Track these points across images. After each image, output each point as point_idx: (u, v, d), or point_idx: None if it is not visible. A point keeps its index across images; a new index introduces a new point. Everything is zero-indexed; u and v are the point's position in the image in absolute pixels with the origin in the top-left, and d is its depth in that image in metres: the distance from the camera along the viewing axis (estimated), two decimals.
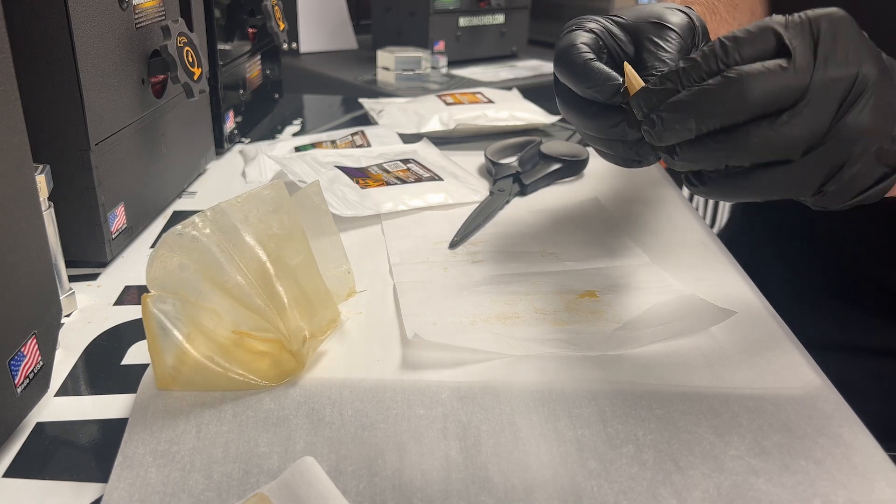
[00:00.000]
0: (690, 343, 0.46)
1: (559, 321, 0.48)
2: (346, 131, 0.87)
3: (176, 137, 0.68)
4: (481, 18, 1.51)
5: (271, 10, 0.89)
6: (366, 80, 1.39)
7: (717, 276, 0.54)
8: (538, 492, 0.34)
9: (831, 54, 0.34)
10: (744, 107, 0.34)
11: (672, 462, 0.36)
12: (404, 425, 0.38)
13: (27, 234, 0.39)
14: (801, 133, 0.34)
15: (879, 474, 0.35)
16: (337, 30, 1.63)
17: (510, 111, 0.91)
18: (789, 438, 0.38)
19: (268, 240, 0.41)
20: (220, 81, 0.79)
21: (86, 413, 0.41)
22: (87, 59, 0.51)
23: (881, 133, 0.35)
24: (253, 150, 0.81)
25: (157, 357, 0.40)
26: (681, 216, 0.65)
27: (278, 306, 0.40)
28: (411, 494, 0.34)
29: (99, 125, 0.53)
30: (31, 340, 0.39)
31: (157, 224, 0.65)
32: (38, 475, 0.36)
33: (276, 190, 0.43)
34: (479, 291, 0.52)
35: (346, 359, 0.44)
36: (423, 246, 0.59)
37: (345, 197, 0.64)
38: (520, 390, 0.41)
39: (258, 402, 0.40)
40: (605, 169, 0.76)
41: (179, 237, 0.39)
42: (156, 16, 0.62)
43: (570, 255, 0.57)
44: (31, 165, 0.39)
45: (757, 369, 0.43)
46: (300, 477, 0.32)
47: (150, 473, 0.35)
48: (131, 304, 0.52)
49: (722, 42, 0.35)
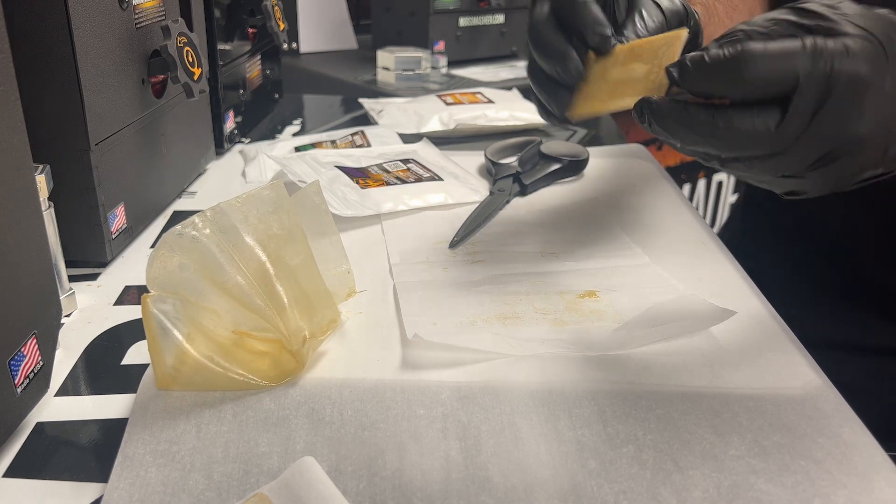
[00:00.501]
0: (690, 343, 0.45)
1: (559, 321, 0.48)
2: (346, 131, 0.87)
3: (176, 137, 0.68)
4: (481, 18, 1.51)
5: (271, 10, 0.89)
6: (366, 80, 1.39)
7: (717, 276, 0.54)
8: (538, 492, 0.34)
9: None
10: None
11: (672, 462, 0.36)
12: (404, 425, 0.38)
13: (27, 234, 0.39)
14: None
15: (879, 474, 0.35)
16: (337, 30, 1.63)
17: (510, 111, 0.91)
18: (789, 438, 0.38)
19: (268, 240, 0.41)
20: (220, 81, 0.79)
21: (86, 413, 0.41)
22: (87, 59, 0.51)
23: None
24: (253, 150, 0.81)
25: (157, 357, 0.40)
26: (681, 216, 0.65)
27: (278, 306, 0.40)
28: (411, 494, 0.34)
29: (99, 125, 0.53)
30: (31, 340, 0.39)
31: (157, 224, 0.65)
32: (38, 475, 0.36)
33: (276, 190, 0.43)
34: (479, 291, 0.52)
35: (346, 359, 0.44)
36: (423, 246, 0.59)
37: (345, 197, 0.64)
38: (520, 390, 0.41)
39: (258, 402, 0.40)
40: (605, 169, 0.76)
41: (179, 237, 0.39)
42: (156, 16, 0.62)
43: (570, 255, 0.57)
44: (31, 165, 0.39)
45: (757, 369, 0.43)
46: (300, 477, 0.32)
47: (150, 473, 0.35)
48: (131, 304, 0.52)
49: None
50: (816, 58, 0.35)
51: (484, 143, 0.79)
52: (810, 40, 0.35)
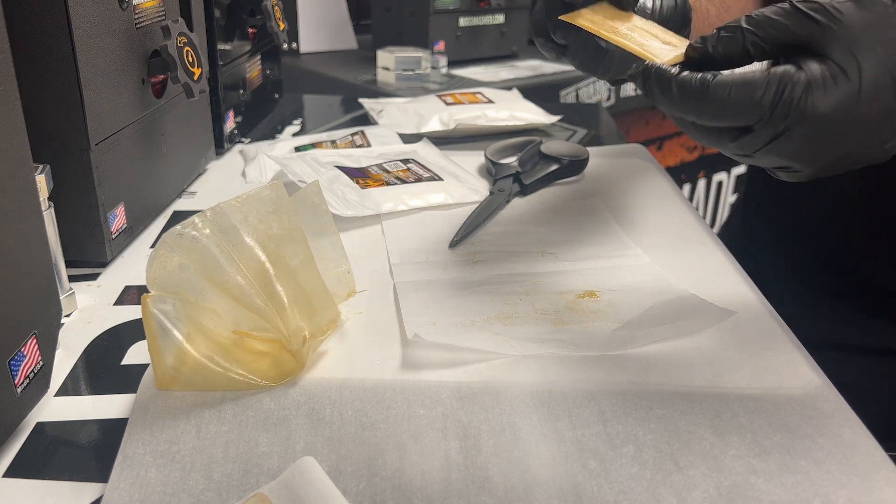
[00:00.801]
0: (690, 343, 0.45)
1: (559, 321, 0.48)
2: (346, 131, 0.87)
3: (176, 137, 0.68)
4: (481, 18, 1.51)
5: (271, 10, 0.89)
6: (366, 80, 1.39)
7: (717, 276, 0.54)
8: (538, 492, 0.34)
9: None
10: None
11: (672, 462, 0.36)
12: (404, 425, 0.38)
13: (27, 234, 0.39)
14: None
15: (879, 474, 0.35)
16: (337, 30, 1.63)
17: (510, 111, 0.91)
18: (789, 438, 0.38)
19: (267, 240, 0.41)
20: (220, 81, 0.79)
21: (86, 413, 0.41)
22: (87, 59, 0.51)
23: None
24: (253, 150, 0.81)
25: (157, 357, 0.40)
26: (681, 216, 0.65)
27: (278, 306, 0.40)
28: (411, 494, 0.34)
29: (99, 125, 0.53)
30: (31, 340, 0.39)
31: (157, 224, 0.65)
32: (38, 475, 0.36)
33: (276, 191, 0.43)
34: (479, 291, 0.52)
35: (346, 359, 0.44)
36: (423, 246, 0.59)
37: (345, 197, 0.64)
38: (520, 390, 0.41)
39: (258, 402, 0.40)
40: (605, 169, 0.76)
41: (179, 237, 0.39)
42: (156, 16, 0.62)
43: (570, 255, 0.57)
44: (31, 165, 0.39)
45: (757, 369, 0.43)
46: (300, 477, 0.32)
47: (150, 473, 0.35)
48: (131, 304, 0.52)
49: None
50: (776, 102, 0.35)
51: (484, 143, 0.79)
52: (775, 78, 0.35)
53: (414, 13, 1.46)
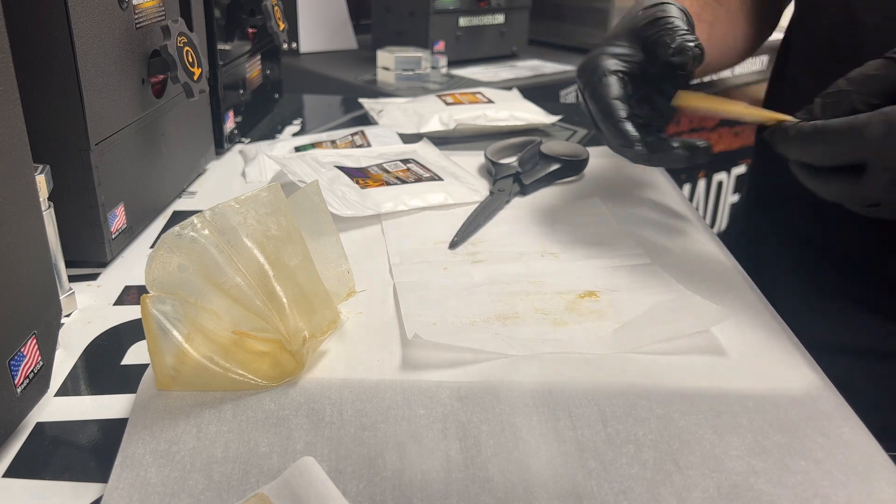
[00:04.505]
0: (690, 343, 0.45)
1: (559, 321, 0.48)
2: (346, 131, 0.87)
3: (176, 137, 0.68)
4: (481, 18, 1.51)
5: (271, 10, 0.89)
6: (366, 80, 1.39)
7: (717, 277, 0.54)
8: (538, 492, 0.34)
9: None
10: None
11: (672, 462, 0.36)
12: (404, 425, 0.38)
13: (27, 234, 0.39)
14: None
15: (879, 474, 0.35)
16: (337, 30, 1.63)
17: (510, 111, 0.91)
18: (789, 438, 0.38)
19: (266, 241, 0.41)
20: (220, 81, 0.79)
21: (86, 413, 0.41)
22: (87, 59, 0.51)
23: None
24: (253, 150, 0.81)
25: (156, 357, 0.40)
26: (681, 216, 0.65)
27: (277, 307, 0.40)
28: (411, 494, 0.34)
29: (99, 125, 0.53)
30: (31, 340, 0.39)
31: (157, 224, 0.65)
32: (38, 475, 0.36)
33: (274, 193, 0.43)
34: (479, 291, 0.52)
35: (346, 359, 0.44)
36: (423, 246, 0.59)
37: (345, 197, 0.64)
38: (520, 390, 0.41)
39: (258, 402, 0.40)
40: (605, 169, 0.76)
41: (178, 238, 0.39)
42: (156, 16, 0.62)
43: (570, 255, 0.57)
44: (31, 165, 0.39)
45: (757, 369, 0.43)
46: (300, 477, 0.32)
47: (150, 473, 0.35)
48: (131, 304, 0.52)
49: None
50: (884, 134, 0.38)
51: (484, 143, 0.79)
52: (880, 113, 0.38)
53: (414, 13, 1.46)
